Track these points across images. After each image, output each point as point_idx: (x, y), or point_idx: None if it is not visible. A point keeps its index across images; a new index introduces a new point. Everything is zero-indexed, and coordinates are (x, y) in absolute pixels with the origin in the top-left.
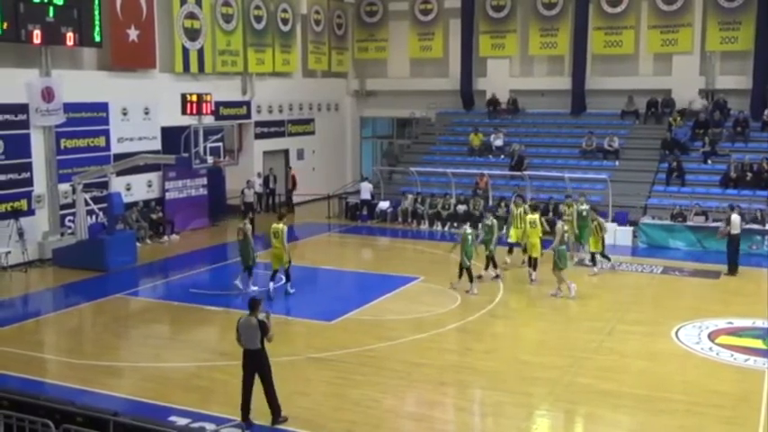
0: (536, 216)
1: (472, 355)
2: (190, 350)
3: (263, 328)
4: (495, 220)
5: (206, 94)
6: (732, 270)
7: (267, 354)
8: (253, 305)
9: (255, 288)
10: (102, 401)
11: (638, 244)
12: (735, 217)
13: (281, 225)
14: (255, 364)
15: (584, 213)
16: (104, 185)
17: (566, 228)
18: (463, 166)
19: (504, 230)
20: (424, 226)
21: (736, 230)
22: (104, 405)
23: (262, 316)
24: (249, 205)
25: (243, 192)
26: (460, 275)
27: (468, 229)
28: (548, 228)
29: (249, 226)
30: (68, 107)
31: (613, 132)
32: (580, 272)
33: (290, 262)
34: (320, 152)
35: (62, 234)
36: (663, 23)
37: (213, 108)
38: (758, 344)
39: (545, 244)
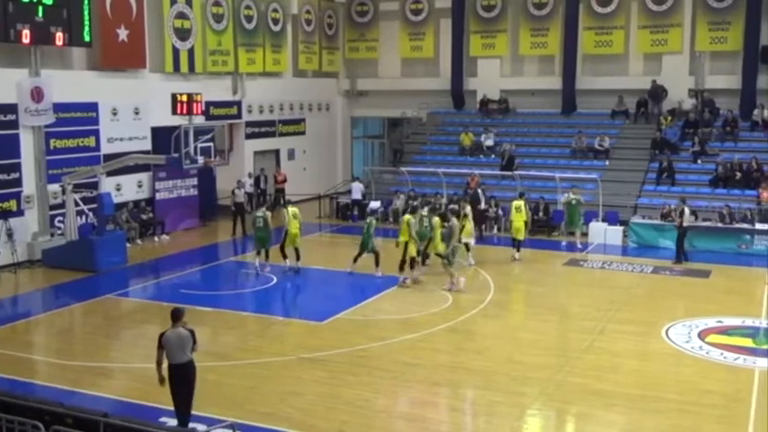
0: (521, 202)
1: (464, 354)
2: None
3: (194, 336)
4: (432, 216)
5: (196, 94)
6: (680, 260)
7: (195, 364)
8: (178, 315)
9: (268, 269)
10: (92, 402)
11: (629, 243)
12: (687, 210)
13: (296, 209)
14: (185, 376)
15: (573, 202)
16: (94, 186)
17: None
18: (454, 165)
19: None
20: None
21: (687, 222)
22: (94, 406)
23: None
24: (240, 205)
25: (233, 192)
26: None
27: (372, 219)
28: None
29: (269, 213)
30: (58, 107)
31: (604, 132)
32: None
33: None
34: (311, 152)
35: (52, 235)
36: (652, 23)
37: (203, 108)
38: (748, 342)
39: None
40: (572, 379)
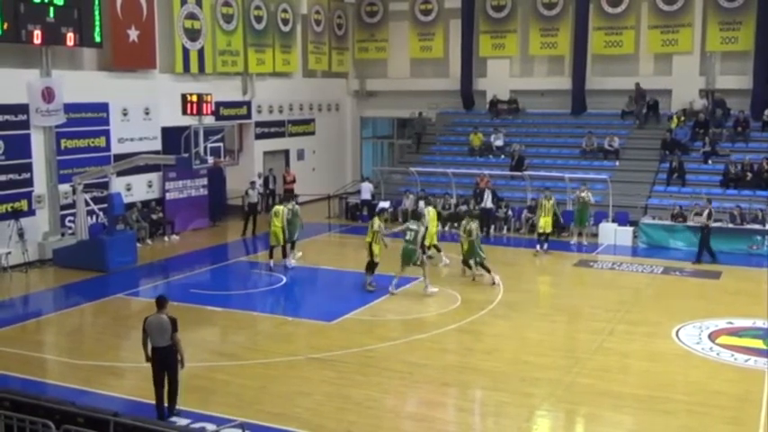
0: (551, 202)
1: (473, 355)
2: (190, 350)
3: (175, 324)
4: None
5: (206, 95)
6: (701, 257)
7: (175, 350)
8: (161, 303)
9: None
10: (102, 402)
11: (639, 244)
12: (712, 210)
13: (281, 207)
14: (165, 360)
15: (585, 199)
16: (105, 186)
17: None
18: (464, 166)
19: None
20: None
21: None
22: (105, 405)
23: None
24: (253, 206)
25: (247, 192)
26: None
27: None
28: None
29: (297, 206)
30: (69, 107)
31: (614, 132)
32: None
33: (287, 240)
34: (320, 152)
35: (62, 234)
36: (663, 23)
37: (213, 108)
38: (758, 344)
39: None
40: (581, 380)
